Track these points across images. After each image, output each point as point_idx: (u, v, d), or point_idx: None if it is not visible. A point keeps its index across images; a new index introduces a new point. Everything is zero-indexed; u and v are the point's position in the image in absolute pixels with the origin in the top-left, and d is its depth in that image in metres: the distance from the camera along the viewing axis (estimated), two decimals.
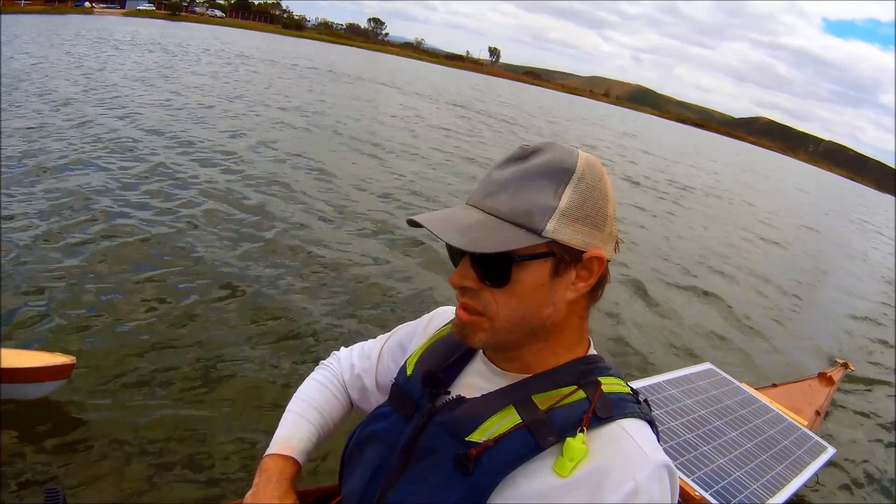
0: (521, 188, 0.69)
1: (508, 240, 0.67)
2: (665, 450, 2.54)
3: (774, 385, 4.11)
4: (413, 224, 0.70)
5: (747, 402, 3.39)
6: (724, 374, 3.63)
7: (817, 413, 3.84)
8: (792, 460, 2.95)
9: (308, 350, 3.64)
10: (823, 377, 4.48)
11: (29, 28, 23.44)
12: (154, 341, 3.44)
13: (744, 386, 3.59)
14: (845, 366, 5.05)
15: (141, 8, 64.19)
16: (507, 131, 19.92)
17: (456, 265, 0.74)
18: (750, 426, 3.12)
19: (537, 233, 0.67)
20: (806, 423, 3.47)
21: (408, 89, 29.49)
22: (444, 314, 0.95)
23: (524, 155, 0.71)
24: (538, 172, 0.69)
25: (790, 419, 3.39)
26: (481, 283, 0.71)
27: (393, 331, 1.02)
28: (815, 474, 3.01)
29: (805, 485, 2.89)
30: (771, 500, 2.55)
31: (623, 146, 26.73)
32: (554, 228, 0.67)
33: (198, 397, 3.05)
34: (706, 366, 3.67)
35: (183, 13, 68.89)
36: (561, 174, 0.69)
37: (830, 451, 3.23)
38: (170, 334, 3.55)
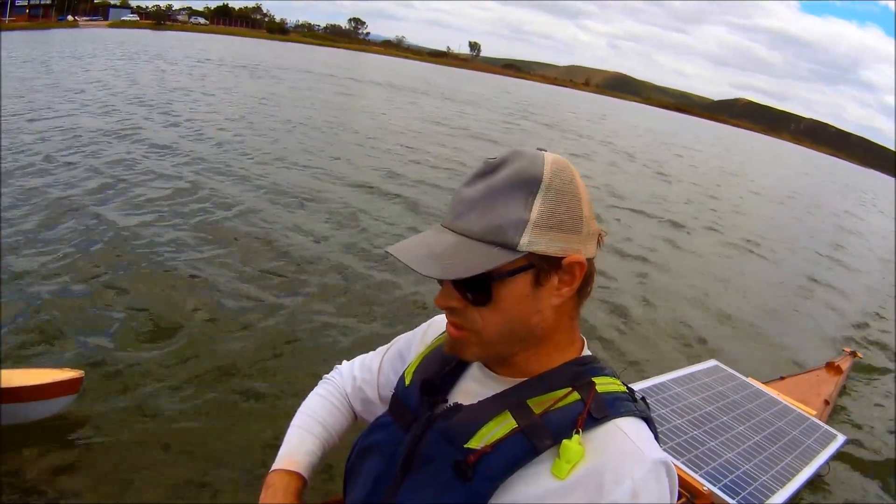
0: (490, 205, 0.68)
1: (483, 261, 0.67)
2: (672, 447, 2.51)
3: (782, 378, 4.10)
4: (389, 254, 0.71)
5: (754, 395, 3.38)
6: (731, 370, 3.61)
7: (826, 402, 3.83)
8: (801, 450, 2.94)
9: (312, 363, 3.65)
10: (831, 367, 4.47)
11: (33, 46, 23.59)
12: (162, 353, 3.46)
13: (750, 380, 3.58)
14: (853, 354, 5.04)
15: (125, 19, 64.05)
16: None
17: (441, 285, 0.74)
18: (757, 419, 3.11)
19: (512, 248, 0.67)
20: (815, 413, 3.46)
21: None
22: (441, 323, 0.95)
23: (489, 169, 0.71)
24: (505, 186, 0.68)
25: (798, 410, 3.37)
26: (465, 303, 0.72)
27: (392, 341, 1.03)
28: (826, 463, 3.00)
29: (816, 474, 2.88)
30: (781, 491, 2.54)
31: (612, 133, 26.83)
32: (528, 241, 0.67)
33: (206, 410, 3.07)
34: (711, 363, 3.66)
35: (167, 22, 69.10)
36: (529, 185, 0.68)
37: (840, 440, 3.21)
38: (177, 347, 3.57)
